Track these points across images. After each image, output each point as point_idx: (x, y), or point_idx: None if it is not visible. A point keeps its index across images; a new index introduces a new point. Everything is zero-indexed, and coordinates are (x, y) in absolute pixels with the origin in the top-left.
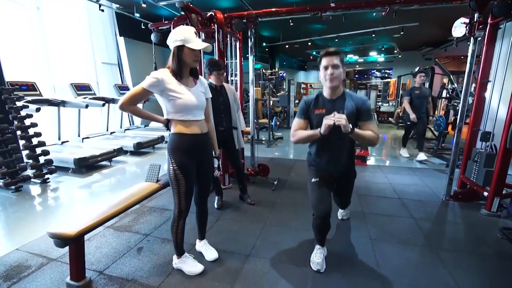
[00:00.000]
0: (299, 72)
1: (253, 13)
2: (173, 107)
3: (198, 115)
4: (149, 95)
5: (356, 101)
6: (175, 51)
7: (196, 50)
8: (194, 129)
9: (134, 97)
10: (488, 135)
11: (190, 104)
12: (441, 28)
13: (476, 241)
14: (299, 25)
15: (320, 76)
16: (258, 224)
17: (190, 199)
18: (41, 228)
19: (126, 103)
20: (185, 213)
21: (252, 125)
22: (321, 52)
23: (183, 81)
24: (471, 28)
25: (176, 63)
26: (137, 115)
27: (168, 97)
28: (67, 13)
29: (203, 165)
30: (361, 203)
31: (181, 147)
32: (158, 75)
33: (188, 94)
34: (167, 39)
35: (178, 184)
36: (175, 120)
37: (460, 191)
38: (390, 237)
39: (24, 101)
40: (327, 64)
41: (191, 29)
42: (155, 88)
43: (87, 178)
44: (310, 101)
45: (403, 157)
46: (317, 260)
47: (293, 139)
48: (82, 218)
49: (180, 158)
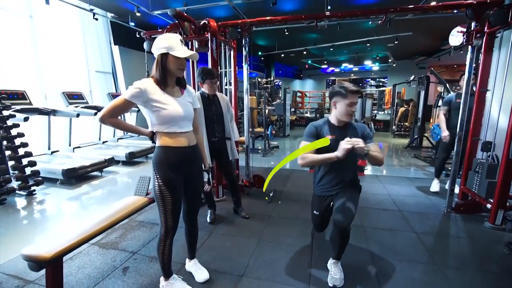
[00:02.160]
0: (294, 81)
1: (247, 22)
2: (158, 118)
3: (185, 126)
4: (132, 107)
5: (359, 127)
6: (159, 58)
7: (181, 58)
8: (181, 142)
9: (115, 109)
10: (489, 145)
11: (175, 115)
12: (434, 37)
13: (482, 257)
14: (294, 34)
15: (341, 107)
16: (252, 240)
17: (178, 216)
18: (20, 245)
19: (106, 115)
20: (172, 231)
21: (246, 134)
22: (348, 86)
23: (168, 90)
24: (469, 37)
25: (160, 71)
26: (119, 128)
27: (152, 108)
28: (61, 21)
29: (192, 180)
30: (360, 216)
31: (167, 161)
32: (141, 85)
33: (174, 104)
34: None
35: (164, 201)
36: (160, 133)
37: (462, 202)
38: (392, 253)
39: (12, 110)
40: (354, 102)
41: (176, 36)
42: (137, 99)
43: (75, 190)
44: (320, 126)
45: (432, 192)
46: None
47: (302, 162)
48: (63, 236)
49: (165, 173)
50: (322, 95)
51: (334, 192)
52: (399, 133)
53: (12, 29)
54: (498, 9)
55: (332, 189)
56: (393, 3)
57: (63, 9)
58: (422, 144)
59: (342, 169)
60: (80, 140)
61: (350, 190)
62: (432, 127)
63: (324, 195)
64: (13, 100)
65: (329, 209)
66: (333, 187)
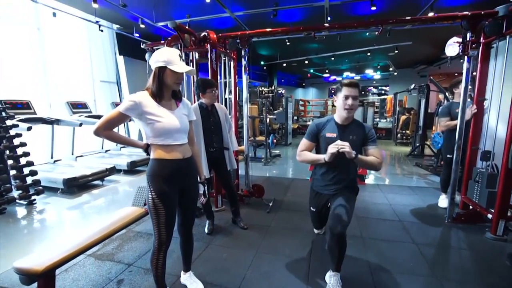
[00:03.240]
0: (297, 89)
1: (247, 33)
2: (152, 131)
3: (180, 139)
4: (127, 119)
5: (363, 128)
6: (156, 71)
7: (178, 73)
8: (175, 154)
9: (109, 121)
10: (488, 154)
11: (170, 128)
12: (434, 46)
13: (484, 270)
14: (296, 44)
15: (337, 102)
16: (250, 251)
17: (171, 229)
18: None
19: (101, 128)
20: (166, 244)
21: (246, 143)
22: (343, 80)
23: (163, 103)
24: (464, 47)
25: (157, 84)
26: (114, 141)
27: (147, 120)
28: (68, 33)
29: (187, 192)
30: (360, 226)
31: (161, 174)
32: (136, 98)
33: (169, 117)
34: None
35: (157, 214)
36: (155, 145)
37: (463, 212)
38: (392, 265)
39: (16, 120)
40: (349, 94)
41: (175, 51)
42: (132, 111)
43: (75, 199)
44: (321, 125)
45: (440, 208)
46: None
47: (299, 158)
48: (57, 248)
49: (160, 185)
50: (324, 103)
51: (330, 192)
52: (401, 141)
53: (21, 41)
54: (493, 20)
55: (329, 188)
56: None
57: (70, 21)
58: (424, 152)
59: (339, 170)
60: (83, 149)
61: (347, 194)
62: (432, 135)
63: (320, 192)
64: (18, 110)
65: (325, 208)
66: (329, 186)
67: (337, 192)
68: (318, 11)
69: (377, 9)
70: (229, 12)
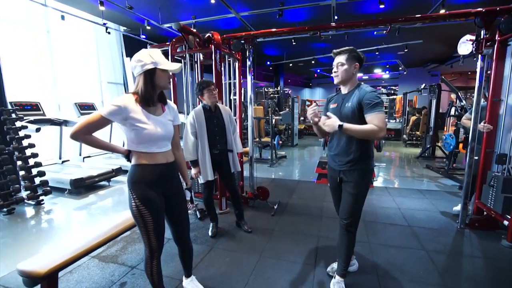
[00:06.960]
0: (304, 90)
1: (251, 34)
2: (137, 137)
3: (163, 146)
4: (108, 124)
5: (360, 93)
6: (147, 75)
7: (168, 72)
8: (158, 160)
9: (89, 125)
10: (504, 158)
11: (155, 135)
12: (445, 44)
13: (499, 280)
14: (302, 44)
15: None
16: (253, 256)
17: (162, 236)
18: (23, 256)
19: (79, 132)
20: (158, 252)
21: (250, 145)
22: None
23: (150, 108)
24: (478, 46)
25: (150, 88)
26: (93, 146)
27: (132, 126)
28: (76, 35)
29: (172, 199)
30: (367, 231)
31: (144, 180)
32: (120, 102)
33: (154, 124)
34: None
35: (144, 221)
36: (137, 152)
37: (476, 218)
38: (400, 273)
39: (25, 121)
40: (334, 63)
41: (158, 51)
42: (115, 116)
43: (82, 199)
44: (332, 97)
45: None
46: None
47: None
48: (61, 250)
49: (142, 191)
50: None
51: (337, 167)
52: (411, 142)
53: (31, 43)
54: (509, 16)
55: (335, 160)
56: (401, 11)
57: (78, 24)
58: (435, 154)
59: (338, 139)
60: (91, 150)
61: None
62: (444, 136)
63: (331, 166)
64: (27, 111)
65: (339, 188)
66: (335, 158)
67: (345, 175)
68: (325, 10)
69: (385, 7)
70: (234, 12)
